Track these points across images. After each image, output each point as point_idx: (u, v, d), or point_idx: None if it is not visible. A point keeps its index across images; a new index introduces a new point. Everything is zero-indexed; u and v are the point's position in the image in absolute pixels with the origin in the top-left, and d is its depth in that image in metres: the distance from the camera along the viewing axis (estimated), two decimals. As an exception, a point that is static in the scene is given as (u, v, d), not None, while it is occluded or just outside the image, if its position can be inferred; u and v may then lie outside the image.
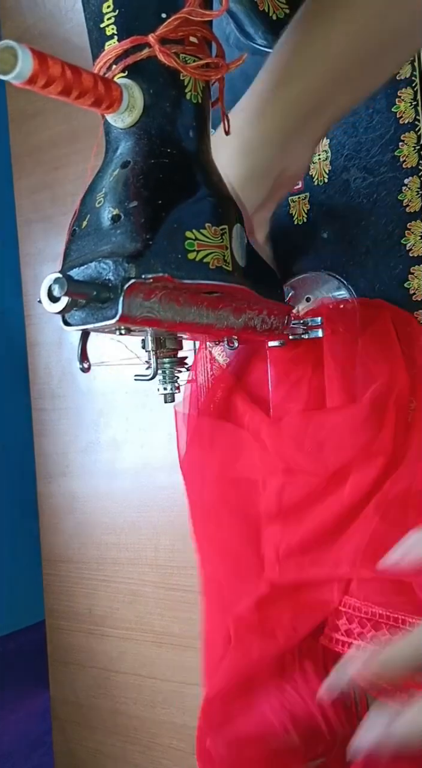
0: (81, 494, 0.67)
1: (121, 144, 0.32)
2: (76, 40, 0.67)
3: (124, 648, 0.64)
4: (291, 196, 0.52)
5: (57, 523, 0.69)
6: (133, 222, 0.30)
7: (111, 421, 0.65)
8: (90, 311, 0.30)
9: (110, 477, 0.65)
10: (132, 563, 0.63)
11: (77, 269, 0.31)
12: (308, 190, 0.51)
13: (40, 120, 0.70)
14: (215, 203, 0.32)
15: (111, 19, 0.30)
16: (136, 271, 0.29)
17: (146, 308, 0.30)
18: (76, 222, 0.32)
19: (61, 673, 0.69)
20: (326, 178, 0.50)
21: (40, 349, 0.71)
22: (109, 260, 0.29)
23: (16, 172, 0.73)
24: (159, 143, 0.31)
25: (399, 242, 0.47)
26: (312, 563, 0.43)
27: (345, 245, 0.49)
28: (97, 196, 0.31)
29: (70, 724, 0.69)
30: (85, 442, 0.67)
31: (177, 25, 0.29)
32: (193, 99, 0.32)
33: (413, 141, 0.47)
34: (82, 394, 0.67)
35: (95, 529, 0.66)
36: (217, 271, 0.31)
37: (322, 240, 0.50)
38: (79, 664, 0.68)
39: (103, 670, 0.66)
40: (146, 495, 0.62)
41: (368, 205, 0.48)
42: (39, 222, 0.71)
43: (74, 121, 0.67)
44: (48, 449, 0.70)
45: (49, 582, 0.70)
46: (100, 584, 0.66)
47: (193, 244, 0.30)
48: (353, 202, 0.49)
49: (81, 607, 0.67)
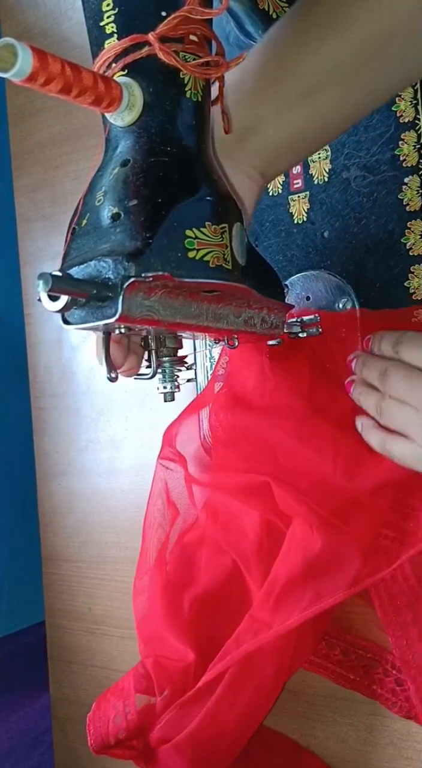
0: (81, 493, 0.67)
1: (121, 142, 0.32)
2: (76, 39, 0.67)
3: (124, 647, 0.64)
4: (291, 195, 0.52)
5: (57, 522, 0.69)
6: (133, 220, 0.30)
7: (111, 420, 0.65)
8: (90, 310, 0.30)
9: (110, 476, 0.65)
10: (132, 562, 0.63)
11: (77, 268, 0.31)
12: (308, 188, 0.51)
13: (39, 118, 0.70)
14: (215, 202, 0.32)
15: (111, 17, 0.30)
16: (135, 270, 0.29)
17: (146, 307, 0.30)
18: (76, 220, 0.32)
19: (61, 672, 0.69)
20: (326, 177, 0.50)
21: (39, 348, 0.71)
22: (109, 259, 0.29)
23: (16, 170, 0.73)
24: (159, 141, 0.31)
25: (399, 241, 0.47)
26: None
27: (345, 244, 0.49)
28: (97, 195, 0.31)
29: (70, 723, 0.69)
30: (85, 441, 0.67)
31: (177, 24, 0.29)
32: (193, 97, 0.32)
33: (413, 140, 0.47)
34: (81, 393, 0.67)
35: (95, 527, 0.66)
36: (217, 270, 0.31)
37: (322, 239, 0.50)
38: (79, 663, 0.68)
39: (103, 669, 0.66)
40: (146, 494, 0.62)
41: (368, 203, 0.48)
42: (38, 220, 0.71)
43: (74, 120, 0.67)
44: (48, 448, 0.70)
45: (49, 581, 0.70)
46: (100, 583, 0.66)
47: (192, 243, 0.30)
48: (353, 201, 0.49)
49: (81, 606, 0.67)
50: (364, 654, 0.48)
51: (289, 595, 0.42)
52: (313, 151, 0.46)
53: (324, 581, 0.41)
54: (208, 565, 0.50)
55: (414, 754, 0.47)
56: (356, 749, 0.50)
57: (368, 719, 0.49)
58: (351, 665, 0.48)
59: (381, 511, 0.42)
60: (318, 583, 0.41)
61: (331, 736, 0.51)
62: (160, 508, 0.53)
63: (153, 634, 0.51)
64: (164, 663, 0.49)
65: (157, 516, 0.53)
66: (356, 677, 0.48)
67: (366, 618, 0.48)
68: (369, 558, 0.41)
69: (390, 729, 0.48)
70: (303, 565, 0.41)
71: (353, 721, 0.50)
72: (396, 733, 0.48)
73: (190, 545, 0.51)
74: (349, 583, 0.40)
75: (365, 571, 0.41)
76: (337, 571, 0.41)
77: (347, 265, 0.49)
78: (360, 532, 0.42)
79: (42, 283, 0.28)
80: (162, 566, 0.51)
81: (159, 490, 0.54)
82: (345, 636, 0.49)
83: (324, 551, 0.41)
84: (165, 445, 0.53)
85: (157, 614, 0.50)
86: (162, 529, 0.53)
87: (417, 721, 0.45)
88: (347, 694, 0.50)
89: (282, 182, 0.53)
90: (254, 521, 0.47)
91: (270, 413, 0.47)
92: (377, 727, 0.49)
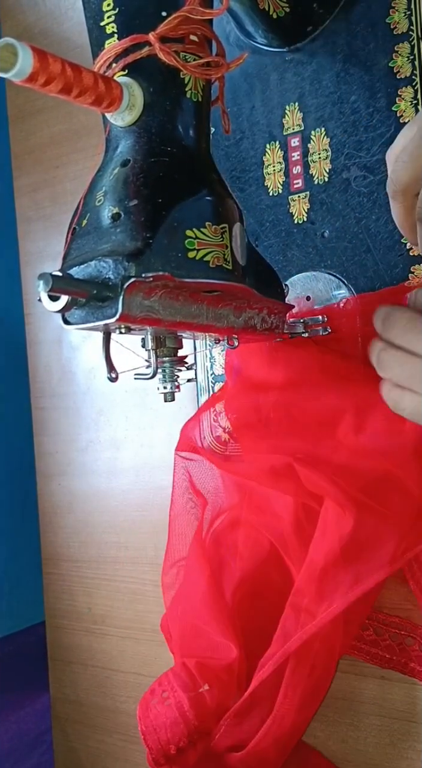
0: (81, 493, 0.67)
1: (121, 142, 0.32)
2: (76, 39, 0.67)
3: (124, 647, 0.64)
4: (291, 195, 0.52)
5: (57, 522, 0.69)
6: (133, 220, 0.30)
7: (111, 420, 0.65)
8: (90, 310, 0.30)
9: (110, 476, 0.65)
10: (132, 562, 0.63)
11: (77, 268, 0.31)
12: (308, 189, 0.51)
13: (40, 118, 0.70)
14: (215, 202, 0.32)
15: (111, 17, 0.30)
16: (136, 270, 0.29)
17: (146, 307, 0.30)
18: (77, 221, 0.32)
19: (61, 672, 0.69)
20: (326, 177, 0.50)
21: (39, 348, 0.71)
22: (109, 259, 0.29)
23: (16, 170, 0.73)
24: (159, 142, 0.31)
25: (400, 241, 0.47)
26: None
27: (346, 244, 0.49)
28: (98, 195, 0.31)
29: (70, 723, 0.69)
30: (85, 441, 0.67)
31: (177, 24, 0.29)
32: (193, 97, 0.32)
33: (413, 140, 0.47)
34: (81, 393, 0.67)
35: (95, 527, 0.66)
36: (217, 270, 0.31)
37: (322, 239, 0.50)
38: (80, 663, 0.68)
39: (104, 669, 0.66)
40: (146, 494, 0.62)
41: (368, 203, 0.48)
42: (39, 221, 0.71)
43: (74, 120, 0.67)
44: (48, 448, 0.70)
45: (49, 581, 0.70)
46: (101, 583, 0.66)
47: (193, 243, 0.30)
48: (353, 201, 0.49)
49: (81, 606, 0.67)
50: (398, 632, 0.47)
51: (330, 579, 0.41)
52: None
53: (362, 562, 0.40)
54: (246, 547, 0.48)
55: (414, 754, 0.47)
56: (356, 749, 0.50)
57: (368, 719, 0.49)
58: (386, 644, 0.47)
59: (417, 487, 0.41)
60: (357, 564, 0.40)
61: (331, 736, 0.51)
62: (189, 497, 0.52)
63: (189, 628, 0.49)
64: (207, 662, 0.46)
65: (187, 506, 0.52)
66: (392, 656, 0.47)
67: (397, 595, 0.48)
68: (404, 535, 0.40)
69: (391, 729, 0.48)
70: (339, 546, 0.40)
71: (353, 721, 0.50)
72: (396, 733, 0.48)
73: (223, 531, 0.50)
74: (387, 561, 0.39)
75: (401, 549, 0.40)
76: (374, 550, 0.40)
77: (347, 265, 0.49)
78: (396, 511, 0.41)
79: (42, 283, 0.28)
80: (201, 555, 0.49)
81: (182, 481, 0.53)
82: (377, 615, 0.48)
83: (357, 530, 0.40)
84: (183, 439, 0.53)
85: (195, 605, 0.48)
86: (195, 517, 0.52)
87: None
88: (347, 694, 0.50)
89: (282, 182, 0.53)
90: (288, 503, 0.46)
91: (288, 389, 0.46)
92: (377, 727, 0.49)
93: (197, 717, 0.44)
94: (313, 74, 0.50)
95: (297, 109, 0.51)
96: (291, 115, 0.51)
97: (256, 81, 0.53)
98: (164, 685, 0.47)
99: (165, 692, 0.46)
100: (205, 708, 0.45)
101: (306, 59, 0.50)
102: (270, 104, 0.52)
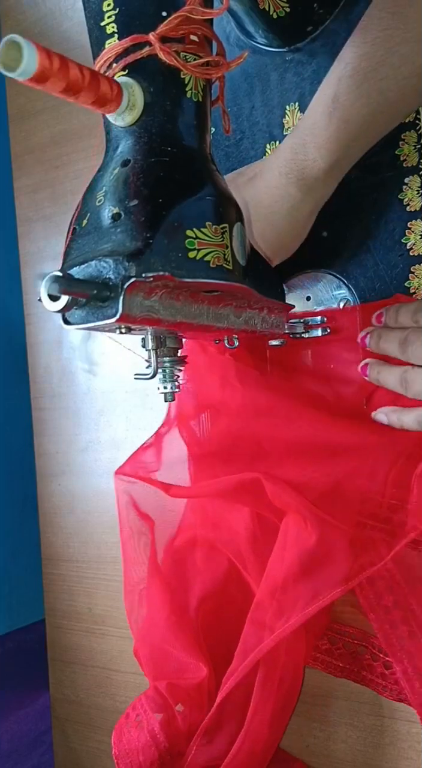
0: (81, 493, 0.67)
1: (122, 142, 0.32)
2: (76, 39, 0.67)
3: (124, 647, 0.64)
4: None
5: (57, 523, 0.69)
6: (134, 220, 0.30)
7: (111, 421, 0.65)
8: (90, 310, 0.30)
9: (110, 476, 0.65)
10: (132, 562, 0.63)
11: (77, 268, 0.31)
12: (308, 189, 0.51)
13: (40, 119, 0.70)
14: (216, 202, 0.32)
15: (111, 17, 0.30)
16: (136, 270, 0.29)
17: (146, 307, 0.30)
18: (77, 221, 0.32)
19: (61, 672, 0.69)
20: (326, 177, 0.50)
21: (39, 349, 0.71)
22: (110, 259, 0.29)
23: (16, 170, 0.72)
24: (159, 142, 0.31)
25: (400, 241, 0.47)
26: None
27: (346, 244, 0.49)
28: (98, 195, 0.31)
29: (70, 724, 0.69)
30: (85, 441, 0.67)
31: (177, 24, 0.29)
32: (193, 97, 0.32)
33: (413, 140, 0.47)
34: (82, 394, 0.67)
35: (95, 528, 0.66)
36: (218, 270, 0.31)
37: (322, 239, 0.50)
38: (79, 663, 0.68)
39: (104, 669, 0.66)
40: (146, 494, 0.62)
41: (368, 204, 0.48)
42: (39, 221, 0.71)
43: (75, 120, 0.67)
44: (48, 448, 0.70)
45: (49, 581, 0.70)
46: (101, 583, 0.66)
47: (193, 243, 0.30)
48: (353, 201, 0.49)
49: (81, 606, 0.67)
50: (351, 641, 0.48)
51: (289, 593, 0.41)
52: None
53: (319, 577, 0.41)
54: (205, 566, 0.49)
55: (414, 754, 0.47)
56: (356, 749, 0.50)
57: (368, 719, 0.49)
58: (339, 653, 0.48)
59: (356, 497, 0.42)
60: (315, 579, 0.41)
61: (331, 736, 0.51)
62: (134, 518, 0.52)
63: (158, 652, 0.49)
64: (178, 683, 0.47)
65: (134, 525, 0.52)
66: (345, 665, 0.48)
67: (350, 605, 0.48)
68: (360, 552, 0.41)
69: (391, 729, 0.48)
70: (298, 561, 0.41)
71: (353, 721, 0.50)
72: (396, 733, 0.48)
73: (181, 550, 0.50)
74: (343, 578, 0.40)
75: (357, 565, 0.40)
76: (330, 565, 0.40)
77: (347, 265, 0.49)
78: (344, 523, 0.41)
79: (43, 283, 0.28)
80: (160, 580, 0.50)
81: (126, 503, 0.52)
82: (331, 625, 0.49)
83: (317, 546, 0.40)
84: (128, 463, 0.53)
85: (161, 629, 0.48)
86: (145, 537, 0.52)
87: (408, 703, 0.44)
88: (347, 694, 0.50)
89: (282, 182, 0.52)
90: (244, 517, 0.46)
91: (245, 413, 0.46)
92: (377, 727, 0.49)
93: (168, 739, 0.45)
94: (313, 74, 0.50)
95: (297, 109, 0.51)
96: (292, 115, 0.51)
97: (256, 81, 0.53)
98: (137, 709, 0.48)
99: (138, 716, 0.47)
100: (176, 730, 0.46)
101: (307, 59, 0.50)
102: (271, 104, 0.52)
